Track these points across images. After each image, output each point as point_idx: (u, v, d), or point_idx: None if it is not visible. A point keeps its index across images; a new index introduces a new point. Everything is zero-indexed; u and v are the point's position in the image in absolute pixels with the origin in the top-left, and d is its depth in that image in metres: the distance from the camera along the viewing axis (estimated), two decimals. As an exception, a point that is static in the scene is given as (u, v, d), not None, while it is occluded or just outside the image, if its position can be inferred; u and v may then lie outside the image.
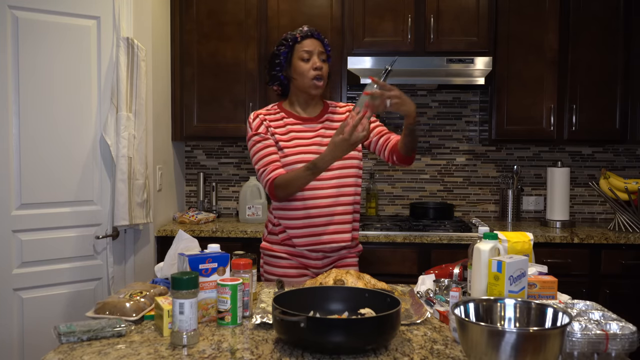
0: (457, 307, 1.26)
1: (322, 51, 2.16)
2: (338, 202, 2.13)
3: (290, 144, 2.14)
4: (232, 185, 3.82)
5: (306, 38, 2.15)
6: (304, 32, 2.16)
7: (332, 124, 2.23)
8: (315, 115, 2.23)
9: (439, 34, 3.32)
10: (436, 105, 3.74)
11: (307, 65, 2.13)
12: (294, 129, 2.18)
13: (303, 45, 2.15)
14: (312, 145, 2.15)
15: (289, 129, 2.17)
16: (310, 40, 2.16)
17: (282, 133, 2.17)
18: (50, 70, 2.63)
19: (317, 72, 2.12)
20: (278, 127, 2.17)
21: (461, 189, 3.77)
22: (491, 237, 1.56)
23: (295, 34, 2.17)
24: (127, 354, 1.34)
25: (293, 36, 2.16)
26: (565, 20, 3.35)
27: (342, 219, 2.14)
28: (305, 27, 2.18)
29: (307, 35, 2.16)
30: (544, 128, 3.38)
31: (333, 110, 2.27)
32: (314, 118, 2.22)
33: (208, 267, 1.57)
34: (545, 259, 2.94)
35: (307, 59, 2.13)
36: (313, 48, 2.14)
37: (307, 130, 2.19)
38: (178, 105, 3.45)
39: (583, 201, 3.74)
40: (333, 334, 1.30)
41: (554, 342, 1.11)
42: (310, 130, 2.19)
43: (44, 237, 2.63)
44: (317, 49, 2.15)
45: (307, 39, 2.15)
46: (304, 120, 2.21)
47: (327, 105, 2.29)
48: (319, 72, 2.12)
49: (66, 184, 2.69)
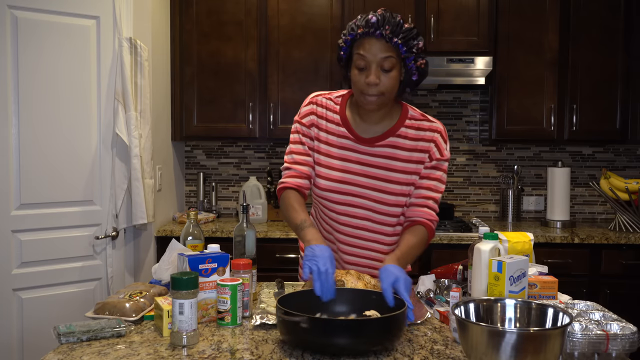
0: (458, 308, 1.26)
1: (387, 57, 1.63)
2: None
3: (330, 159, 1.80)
4: (232, 185, 3.82)
5: (365, 37, 1.65)
6: (366, 26, 1.64)
7: (397, 151, 1.77)
8: (374, 135, 1.78)
9: (439, 34, 3.32)
10: (436, 105, 3.74)
11: (361, 77, 1.67)
12: (345, 145, 1.79)
13: (360, 46, 1.66)
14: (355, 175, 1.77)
15: (339, 143, 1.80)
16: (369, 41, 1.64)
17: (328, 142, 1.81)
18: (50, 70, 2.63)
19: (370, 88, 1.66)
20: (328, 133, 1.81)
21: (461, 189, 3.76)
22: (491, 237, 1.56)
23: (354, 29, 1.67)
24: (127, 354, 1.34)
25: (352, 31, 1.67)
26: (566, 20, 3.34)
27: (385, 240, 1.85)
28: (371, 17, 1.64)
29: (367, 33, 1.64)
30: (545, 128, 3.38)
31: (410, 125, 1.79)
32: (370, 140, 1.78)
33: (208, 267, 1.57)
34: (546, 259, 2.94)
35: (362, 68, 1.66)
36: (372, 55, 1.64)
37: (358, 151, 1.78)
38: (178, 105, 3.45)
39: (583, 201, 3.74)
40: (338, 336, 1.29)
41: (555, 342, 1.11)
42: (362, 152, 1.78)
43: (44, 237, 2.63)
44: (377, 56, 1.63)
45: (367, 39, 1.65)
46: (357, 138, 1.78)
47: (403, 116, 1.80)
48: (372, 88, 1.66)
49: (66, 184, 2.69)
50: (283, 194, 1.80)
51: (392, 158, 1.77)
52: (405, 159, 1.78)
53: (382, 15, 1.64)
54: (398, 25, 1.64)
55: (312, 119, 1.82)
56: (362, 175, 1.78)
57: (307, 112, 1.83)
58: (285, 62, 3.38)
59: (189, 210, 1.90)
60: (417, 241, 1.72)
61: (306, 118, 1.83)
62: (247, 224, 1.83)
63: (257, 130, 3.42)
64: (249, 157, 3.80)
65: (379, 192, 1.78)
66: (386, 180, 1.77)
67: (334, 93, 1.86)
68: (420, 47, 1.68)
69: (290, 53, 3.37)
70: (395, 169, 1.77)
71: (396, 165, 1.77)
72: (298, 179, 1.80)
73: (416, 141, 1.78)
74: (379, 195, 1.78)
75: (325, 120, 1.82)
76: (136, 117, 2.79)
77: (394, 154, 1.77)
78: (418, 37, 1.68)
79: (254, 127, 3.41)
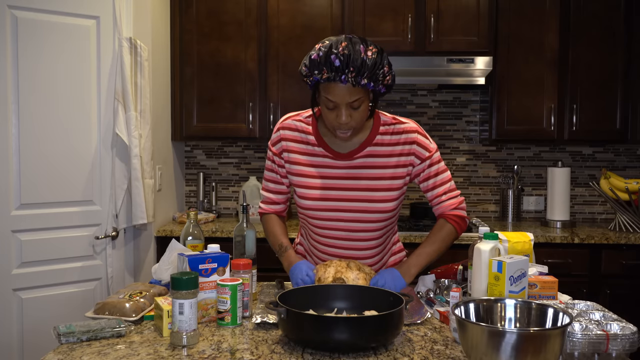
0: (458, 308, 1.26)
1: (354, 100, 1.64)
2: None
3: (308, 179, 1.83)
4: (232, 185, 3.82)
5: (331, 81, 1.63)
6: (330, 70, 1.60)
7: (376, 159, 1.80)
8: (352, 148, 1.81)
9: (439, 34, 3.31)
10: (436, 105, 3.74)
11: (331, 115, 1.68)
12: (323, 163, 1.82)
13: (327, 90, 1.65)
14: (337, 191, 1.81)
15: (316, 162, 1.83)
16: (335, 86, 1.62)
17: (303, 163, 1.84)
18: (50, 70, 2.63)
19: (341, 126, 1.69)
20: (302, 154, 1.84)
21: (461, 189, 3.75)
22: (491, 237, 1.56)
23: (318, 72, 1.63)
24: (127, 354, 1.34)
25: (315, 74, 1.64)
26: (566, 20, 3.34)
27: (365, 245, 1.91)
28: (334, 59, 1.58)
29: (331, 78, 1.62)
30: (545, 128, 3.38)
31: (384, 131, 1.81)
32: (348, 154, 1.80)
33: (208, 267, 1.57)
34: (546, 259, 2.94)
35: (331, 108, 1.67)
36: (340, 99, 1.63)
37: (338, 167, 1.81)
38: (178, 105, 3.45)
39: (583, 201, 3.74)
40: (336, 332, 1.31)
41: (555, 342, 1.11)
42: (342, 166, 1.81)
43: (44, 237, 2.63)
44: (345, 100, 1.63)
45: (332, 84, 1.63)
46: (335, 155, 1.81)
47: (376, 124, 1.81)
48: (344, 126, 1.68)
49: (66, 184, 2.68)
50: (262, 218, 1.98)
51: (372, 167, 1.81)
52: (383, 165, 1.82)
53: (344, 54, 1.58)
54: (362, 64, 1.59)
55: (282, 145, 1.87)
56: (344, 189, 1.81)
57: (276, 139, 1.88)
58: (285, 62, 3.38)
59: (189, 210, 1.90)
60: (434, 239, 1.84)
61: (276, 146, 1.88)
62: (247, 224, 1.84)
63: (257, 130, 3.42)
64: (249, 157, 3.80)
65: (362, 202, 1.81)
66: (368, 189, 1.81)
67: (303, 113, 1.88)
68: (387, 70, 1.66)
69: (290, 53, 3.37)
70: (376, 177, 1.81)
71: (376, 173, 1.81)
72: (272, 206, 1.96)
73: (393, 146, 1.82)
74: (363, 205, 1.81)
75: (295, 143, 1.85)
76: (136, 117, 2.79)
77: (373, 162, 1.81)
78: (383, 61, 1.64)
79: (254, 127, 3.41)
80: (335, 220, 1.84)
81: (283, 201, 1.96)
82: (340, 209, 1.82)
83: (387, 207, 1.81)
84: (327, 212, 1.83)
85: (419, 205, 3.58)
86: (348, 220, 1.83)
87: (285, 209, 1.99)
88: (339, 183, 1.81)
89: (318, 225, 1.87)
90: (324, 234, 1.88)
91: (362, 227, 1.84)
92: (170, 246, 1.81)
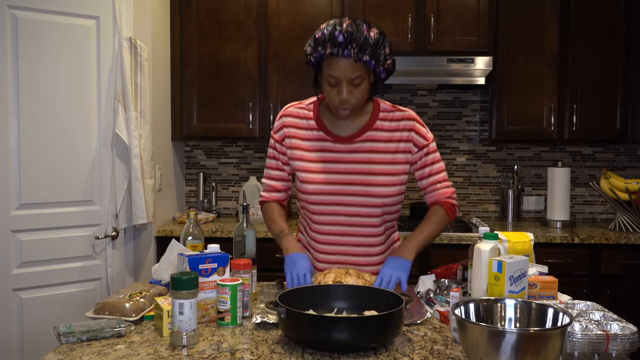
0: (458, 308, 1.26)
1: (356, 77, 1.69)
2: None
3: (310, 164, 1.87)
4: (232, 185, 3.82)
5: (333, 56, 1.69)
6: (333, 46, 1.66)
7: (375, 144, 1.85)
8: (350, 133, 1.86)
9: (439, 34, 3.32)
10: (436, 105, 3.74)
11: (333, 92, 1.74)
12: (324, 147, 1.87)
13: (329, 66, 1.71)
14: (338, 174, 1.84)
15: (317, 147, 1.87)
16: (338, 61, 1.68)
17: (305, 148, 1.88)
18: (50, 71, 2.63)
19: (342, 103, 1.74)
20: (304, 140, 1.88)
21: (461, 189, 3.76)
22: (491, 237, 1.56)
23: (322, 48, 1.69)
24: (127, 354, 1.34)
25: (319, 50, 1.71)
26: (566, 20, 3.34)
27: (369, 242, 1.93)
28: (338, 35, 1.65)
29: (334, 53, 1.68)
30: (545, 128, 3.38)
31: (384, 117, 1.87)
32: (348, 138, 1.86)
33: (208, 267, 1.57)
34: (546, 259, 2.94)
35: (333, 84, 1.73)
36: (342, 74, 1.69)
37: (338, 150, 1.86)
38: (178, 105, 3.45)
39: (583, 201, 3.74)
40: (336, 332, 1.31)
41: (555, 342, 1.11)
42: (342, 150, 1.86)
43: (44, 237, 2.63)
44: (347, 75, 1.69)
45: (335, 59, 1.69)
46: (336, 138, 1.86)
47: (376, 110, 1.88)
48: (345, 103, 1.74)
49: (66, 184, 2.68)
50: (263, 207, 1.99)
51: (372, 151, 1.86)
52: (383, 150, 1.86)
53: (347, 31, 1.65)
54: (365, 41, 1.66)
55: (283, 132, 1.92)
56: (344, 173, 1.85)
57: (278, 126, 1.93)
58: (285, 62, 3.38)
59: (189, 210, 1.90)
60: (430, 221, 1.88)
61: (278, 133, 1.93)
62: (247, 224, 1.84)
63: (257, 130, 3.42)
64: (249, 157, 3.80)
65: (363, 185, 1.84)
66: (368, 173, 1.85)
67: (305, 101, 1.95)
68: (388, 52, 1.73)
69: (290, 53, 3.37)
70: (375, 161, 1.85)
71: (376, 157, 1.86)
72: (274, 193, 1.97)
73: (392, 132, 1.87)
74: (364, 189, 1.84)
75: (297, 129, 1.90)
76: (136, 117, 2.79)
77: (372, 147, 1.86)
78: (385, 43, 1.72)
79: (254, 127, 3.41)
80: (336, 205, 1.86)
81: (284, 189, 1.98)
82: (341, 192, 1.85)
83: (386, 192, 1.84)
84: (328, 195, 1.86)
85: (419, 205, 3.58)
86: (348, 205, 1.85)
87: (286, 198, 2.00)
88: (339, 167, 1.85)
89: (319, 212, 1.89)
90: (325, 221, 1.89)
91: (362, 212, 1.86)
92: (170, 246, 1.81)
